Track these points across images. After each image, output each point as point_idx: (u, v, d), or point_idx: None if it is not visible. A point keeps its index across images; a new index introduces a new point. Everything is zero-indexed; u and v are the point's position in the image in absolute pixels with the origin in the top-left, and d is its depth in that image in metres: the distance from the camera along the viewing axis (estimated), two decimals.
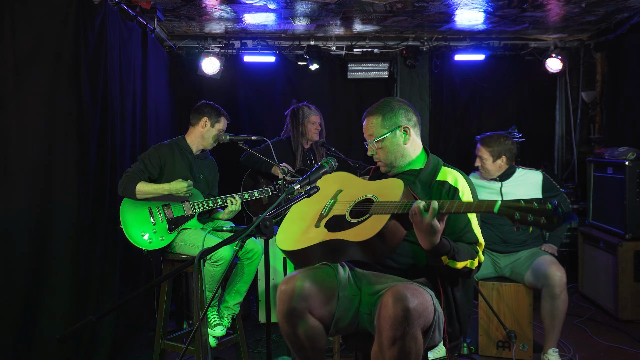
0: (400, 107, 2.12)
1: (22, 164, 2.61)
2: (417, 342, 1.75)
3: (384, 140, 2.09)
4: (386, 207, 1.88)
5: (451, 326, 2.00)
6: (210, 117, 3.16)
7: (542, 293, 2.99)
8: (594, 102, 5.13)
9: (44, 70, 2.70)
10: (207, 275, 2.85)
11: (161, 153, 3.06)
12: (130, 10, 3.62)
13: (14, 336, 2.57)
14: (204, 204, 3.08)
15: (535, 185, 3.26)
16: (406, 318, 1.71)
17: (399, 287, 1.78)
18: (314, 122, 3.97)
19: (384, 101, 2.16)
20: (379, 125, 2.10)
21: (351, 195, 2.14)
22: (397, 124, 2.09)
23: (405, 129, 2.09)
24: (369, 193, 2.08)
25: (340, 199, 2.17)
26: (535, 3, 3.90)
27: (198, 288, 2.83)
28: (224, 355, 3.31)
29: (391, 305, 1.73)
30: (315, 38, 4.96)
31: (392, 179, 2.08)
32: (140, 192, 2.90)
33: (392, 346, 1.72)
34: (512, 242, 3.24)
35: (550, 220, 1.51)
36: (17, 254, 2.59)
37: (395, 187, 1.99)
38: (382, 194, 2.02)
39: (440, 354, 3.19)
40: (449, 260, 1.84)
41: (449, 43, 5.06)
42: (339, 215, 2.07)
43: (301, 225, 2.15)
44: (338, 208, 2.12)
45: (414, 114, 2.15)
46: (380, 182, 2.12)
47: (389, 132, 2.08)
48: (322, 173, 2.00)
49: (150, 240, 2.94)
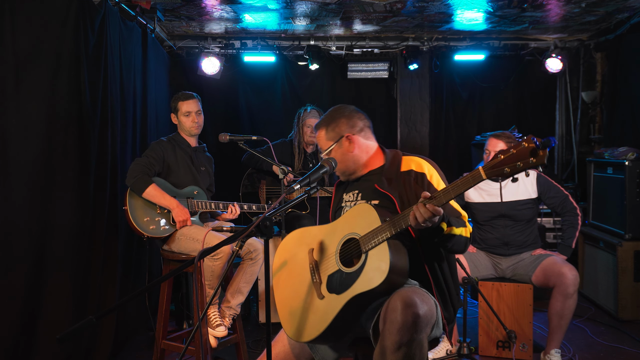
0: (342, 115, 2.11)
1: (22, 163, 2.61)
2: (423, 349, 1.74)
3: (332, 152, 2.10)
4: (377, 235, 1.81)
5: (447, 310, 2.00)
6: (173, 111, 3.19)
7: (554, 292, 2.97)
8: (594, 102, 5.13)
9: (44, 70, 2.70)
10: (207, 271, 2.86)
11: (162, 147, 3.08)
12: (130, 10, 3.62)
13: (14, 336, 2.56)
14: (207, 205, 3.12)
15: (531, 184, 3.24)
16: (415, 324, 1.70)
17: (408, 292, 1.76)
18: (309, 125, 3.95)
19: (328, 112, 2.17)
20: (324, 138, 2.12)
21: (326, 247, 1.99)
22: (340, 134, 2.09)
23: (349, 137, 2.08)
24: (344, 234, 1.94)
25: (319, 257, 2.00)
26: (535, 3, 3.90)
27: (198, 288, 2.83)
28: (224, 355, 3.31)
29: (400, 310, 1.70)
30: (315, 38, 4.96)
31: (354, 208, 1.98)
32: (148, 193, 2.91)
33: (397, 351, 1.70)
34: (513, 244, 3.24)
35: (536, 155, 1.51)
36: (17, 253, 2.58)
37: (365, 212, 1.90)
38: (358, 226, 1.89)
39: (440, 354, 3.20)
40: (447, 227, 1.83)
41: (449, 43, 5.05)
42: (334, 273, 1.92)
43: (301, 307, 1.95)
44: (326, 267, 1.95)
45: (359, 119, 2.13)
46: (345, 216, 1.99)
47: (335, 144, 2.09)
48: (322, 173, 1.98)
49: (153, 226, 2.94)
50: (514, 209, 3.22)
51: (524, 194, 3.23)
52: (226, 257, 2.83)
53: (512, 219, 3.23)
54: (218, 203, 3.15)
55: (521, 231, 3.24)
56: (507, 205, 3.23)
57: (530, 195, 3.23)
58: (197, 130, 3.18)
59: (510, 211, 3.22)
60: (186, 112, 3.13)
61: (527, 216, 3.23)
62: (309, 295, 1.94)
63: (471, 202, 3.32)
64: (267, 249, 1.74)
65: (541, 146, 1.50)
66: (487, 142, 3.25)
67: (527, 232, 3.25)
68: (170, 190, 3.01)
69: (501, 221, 3.25)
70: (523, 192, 3.23)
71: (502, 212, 3.23)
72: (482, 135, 4.89)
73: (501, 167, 1.57)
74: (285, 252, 2.12)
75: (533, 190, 3.24)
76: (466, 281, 2.98)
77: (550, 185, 3.24)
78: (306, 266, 2.01)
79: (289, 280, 2.00)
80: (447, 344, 3.22)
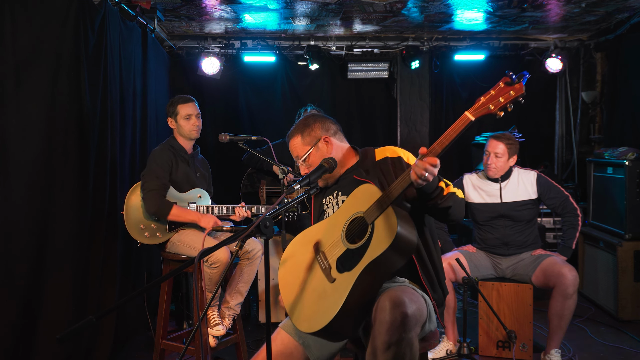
0: (316, 120, 2.15)
1: (22, 163, 2.61)
2: (413, 348, 1.74)
3: (310, 156, 2.12)
4: (381, 204, 1.80)
5: (436, 292, 2.01)
6: (171, 115, 3.07)
7: (554, 292, 2.97)
8: (594, 102, 5.13)
9: (44, 70, 2.70)
10: (205, 277, 2.85)
11: (166, 158, 2.98)
12: (130, 10, 3.62)
13: (14, 336, 2.57)
14: (211, 210, 3.03)
15: (531, 185, 3.24)
16: (404, 324, 1.71)
17: (396, 292, 1.78)
18: None
19: (299, 121, 2.20)
20: (300, 144, 2.14)
21: (331, 234, 1.95)
22: (317, 137, 2.12)
23: (326, 139, 2.12)
24: (348, 216, 1.91)
25: (325, 246, 1.95)
26: (535, 3, 3.90)
27: (198, 288, 2.83)
28: (224, 355, 3.31)
29: (389, 310, 1.72)
30: (315, 38, 4.96)
31: (353, 193, 1.95)
32: (173, 215, 2.89)
33: (387, 351, 1.71)
34: (513, 244, 3.24)
35: (514, 87, 1.59)
36: (17, 253, 2.59)
37: (364, 190, 1.90)
38: (360, 204, 1.87)
39: (440, 354, 3.20)
40: (445, 186, 1.86)
41: (449, 43, 5.06)
42: (342, 254, 1.86)
43: (313, 297, 1.88)
44: (333, 251, 1.90)
45: (332, 122, 2.18)
46: (345, 203, 1.97)
47: (312, 148, 2.12)
48: (321, 172, 1.99)
49: (148, 234, 2.94)
50: (513, 209, 3.22)
51: (524, 195, 3.23)
52: (224, 265, 2.81)
53: (512, 220, 3.23)
54: (222, 207, 3.04)
55: (521, 231, 3.24)
56: (507, 206, 3.23)
57: (530, 196, 3.23)
58: (197, 134, 3.10)
59: (510, 212, 3.22)
60: (186, 115, 3.03)
61: (527, 217, 3.23)
62: (319, 284, 1.88)
63: (471, 203, 3.32)
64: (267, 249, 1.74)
65: (517, 79, 1.59)
66: (487, 143, 3.25)
67: (527, 232, 3.25)
68: (174, 196, 2.99)
69: (501, 221, 3.25)
70: (523, 192, 3.23)
71: (502, 213, 3.23)
72: (482, 136, 4.89)
73: (485, 106, 1.65)
74: (289, 256, 2.08)
75: (533, 191, 3.23)
76: (466, 281, 2.98)
77: (551, 185, 3.23)
78: (312, 258, 1.97)
79: (296, 278, 1.97)
80: (447, 343, 3.23)
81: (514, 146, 3.20)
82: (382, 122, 5.58)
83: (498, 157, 3.18)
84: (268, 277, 1.75)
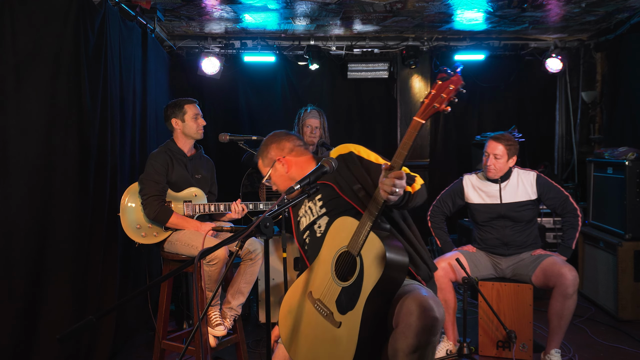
0: (272, 142, 2.27)
1: (22, 164, 2.61)
2: (434, 351, 1.79)
3: (271, 177, 2.27)
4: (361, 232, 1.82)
5: (421, 269, 2.03)
6: (176, 116, 3.04)
7: (554, 292, 2.97)
8: (594, 102, 5.13)
9: (44, 70, 2.70)
10: (204, 275, 2.85)
11: (163, 162, 2.97)
12: (130, 10, 3.62)
13: (14, 336, 2.57)
14: (206, 207, 3.02)
15: (530, 185, 3.24)
16: (433, 327, 1.72)
17: (423, 296, 1.77)
18: (308, 125, 3.94)
19: (262, 143, 2.32)
20: (262, 166, 2.30)
21: (322, 279, 1.96)
22: (272, 159, 2.25)
23: (280, 160, 2.23)
24: (333, 254, 1.93)
25: (319, 293, 1.95)
26: (535, 3, 3.90)
27: (198, 288, 2.83)
28: (224, 355, 3.31)
29: (417, 314, 1.71)
30: (315, 38, 4.96)
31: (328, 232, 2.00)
32: (172, 223, 2.91)
33: (412, 354, 1.71)
34: (512, 244, 3.23)
35: (452, 80, 1.66)
36: (17, 253, 2.59)
37: (340, 225, 1.94)
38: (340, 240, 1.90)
39: (440, 354, 3.20)
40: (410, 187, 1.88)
41: (449, 43, 5.06)
42: (339, 295, 1.86)
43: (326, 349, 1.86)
44: (328, 295, 1.90)
45: (288, 140, 2.27)
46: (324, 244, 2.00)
47: (270, 169, 2.26)
48: (322, 173, 1.99)
49: (144, 234, 2.94)
50: (513, 210, 3.22)
51: (524, 195, 3.22)
52: (222, 262, 2.81)
53: (512, 220, 3.23)
54: (218, 205, 3.05)
55: (521, 231, 3.23)
56: (507, 207, 3.22)
57: (529, 196, 3.23)
58: (201, 135, 3.11)
59: (509, 212, 3.22)
60: (195, 115, 3.03)
61: (527, 217, 3.23)
62: (327, 333, 1.86)
63: (471, 203, 3.32)
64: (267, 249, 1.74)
65: (452, 72, 1.66)
66: (486, 144, 3.24)
67: (527, 232, 3.25)
68: (169, 195, 2.98)
69: (501, 222, 3.25)
70: (523, 193, 3.23)
71: (502, 213, 3.23)
72: (482, 136, 4.89)
73: (430, 106, 1.69)
74: (287, 314, 2.08)
75: (533, 191, 3.23)
76: (466, 281, 2.98)
77: (550, 186, 3.23)
78: (311, 310, 1.96)
79: (302, 336, 1.96)
80: (447, 343, 3.23)
81: (513, 147, 3.19)
82: (382, 122, 5.58)
83: (497, 158, 3.18)
84: (268, 277, 1.75)
